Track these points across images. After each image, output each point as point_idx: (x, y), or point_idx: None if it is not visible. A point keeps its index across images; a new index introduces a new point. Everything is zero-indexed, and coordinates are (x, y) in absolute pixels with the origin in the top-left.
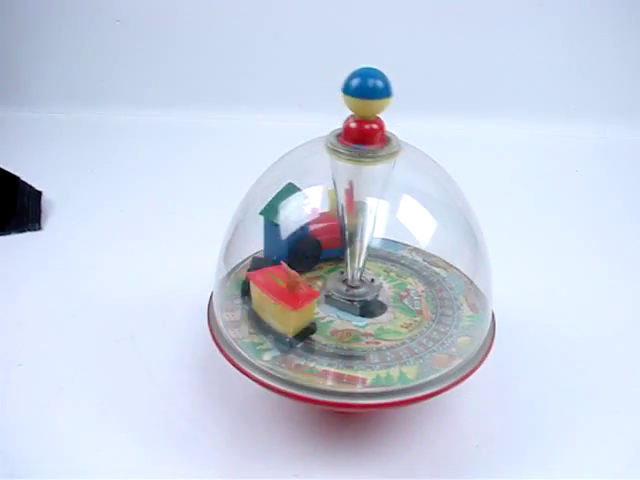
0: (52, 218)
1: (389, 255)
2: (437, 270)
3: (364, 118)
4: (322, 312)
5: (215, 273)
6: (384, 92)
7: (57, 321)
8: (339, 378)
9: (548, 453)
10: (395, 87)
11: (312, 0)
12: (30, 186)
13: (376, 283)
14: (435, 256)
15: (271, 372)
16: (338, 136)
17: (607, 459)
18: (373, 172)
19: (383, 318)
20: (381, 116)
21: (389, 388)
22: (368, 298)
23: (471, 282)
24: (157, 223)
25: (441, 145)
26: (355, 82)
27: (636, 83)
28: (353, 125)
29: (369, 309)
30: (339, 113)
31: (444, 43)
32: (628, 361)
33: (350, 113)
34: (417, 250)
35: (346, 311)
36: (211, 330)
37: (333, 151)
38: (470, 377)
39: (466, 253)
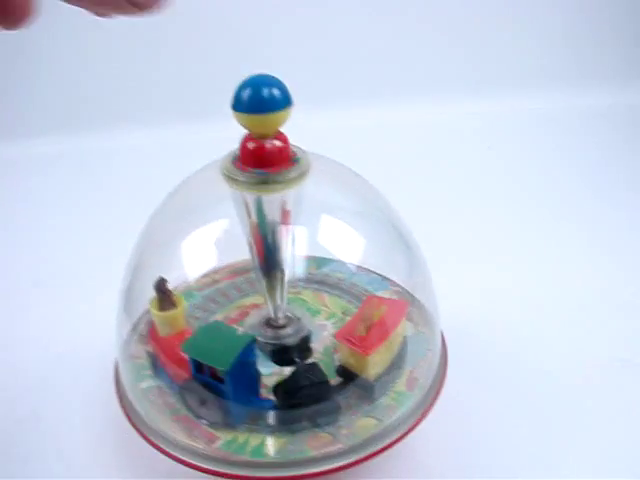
0: None
1: (353, 288)
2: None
3: (263, 136)
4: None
5: (116, 327)
6: (283, 102)
7: None
8: (191, 429)
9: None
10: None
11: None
12: None
13: (302, 323)
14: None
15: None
16: (235, 160)
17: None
18: (281, 199)
19: None
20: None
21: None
22: (288, 342)
23: (412, 296)
24: (47, 274)
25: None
26: (246, 94)
27: (536, 55)
28: (251, 145)
29: (284, 356)
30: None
31: (337, 27)
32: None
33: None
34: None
35: (264, 352)
36: (123, 407)
37: (231, 179)
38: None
39: (400, 263)
